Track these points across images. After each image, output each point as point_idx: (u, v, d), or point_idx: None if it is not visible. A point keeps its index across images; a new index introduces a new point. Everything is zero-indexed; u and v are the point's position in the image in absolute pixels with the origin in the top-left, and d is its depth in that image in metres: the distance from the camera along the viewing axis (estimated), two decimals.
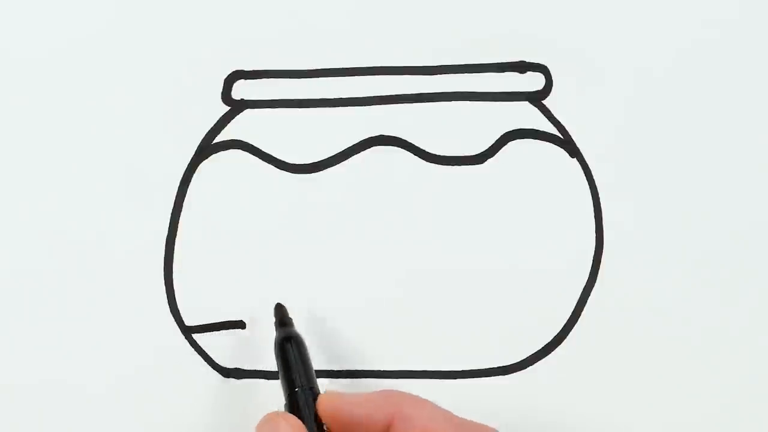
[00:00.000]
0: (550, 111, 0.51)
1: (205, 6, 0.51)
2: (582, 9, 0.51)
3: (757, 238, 0.51)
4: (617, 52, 0.51)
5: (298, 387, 0.44)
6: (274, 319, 0.49)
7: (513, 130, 0.51)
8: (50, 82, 0.51)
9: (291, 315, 0.50)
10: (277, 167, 0.51)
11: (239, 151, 0.51)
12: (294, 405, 0.43)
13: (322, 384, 0.46)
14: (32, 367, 0.51)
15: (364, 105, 0.51)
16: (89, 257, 0.51)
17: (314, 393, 0.44)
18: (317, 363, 0.51)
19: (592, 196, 0.51)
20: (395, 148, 0.51)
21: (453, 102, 0.51)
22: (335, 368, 0.52)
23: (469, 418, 0.47)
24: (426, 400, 0.42)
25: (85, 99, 0.51)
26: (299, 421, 0.42)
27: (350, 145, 0.51)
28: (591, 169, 0.51)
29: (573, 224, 0.51)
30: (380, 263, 0.51)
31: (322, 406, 0.42)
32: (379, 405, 0.41)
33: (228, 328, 0.52)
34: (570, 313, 0.51)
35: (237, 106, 0.51)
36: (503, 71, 0.51)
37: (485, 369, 0.52)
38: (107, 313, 0.51)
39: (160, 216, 0.51)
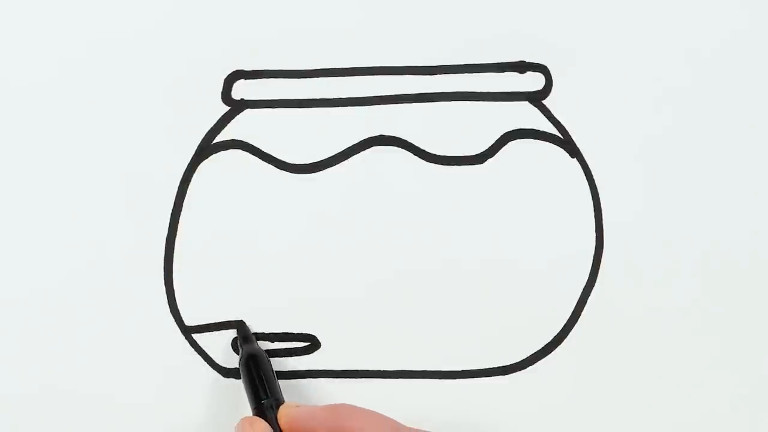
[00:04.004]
0: (550, 111, 0.51)
1: (205, 6, 0.51)
2: (582, 9, 0.51)
3: (757, 237, 0.51)
4: (617, 52, 0.51)
5: (264, 399, 0.48)
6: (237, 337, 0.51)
7: (513, 130, 0.51)
8: (51, 82, 0.51)
9: (290, 315, 0.50)
10: (277, 167, 0.51)
11: (239, 151, 0.51)
12: (261, 415, 0.47)
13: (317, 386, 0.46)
14: (32, 367, 0.51)
15: (364, 105, 0.51)
16: (89, 257, 0.51)
17: (278, 403, 0.48)
18: (317, 363, 0.52)
19: (592, 196, 0.51)
20: (395, 148, 0.51)
21: (453, 102, 0.51)
22: (335, 368, 0.52)
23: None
24: (372, 413, 0.45)
25: (85, 99, 0.51)
26: (267, 425, 0.46)
27: (350, 145, 0.51)
28: (591, 169, 0.51)
29: (573, 224, 0.51)
30: (380, 263, 0.51)
31: (281, 416, 0.47)
32: (325, 418, 0.45)
33: (228, 328, 0.52)
34: (570, 313, 0.51)
35: (237, 106, 0.51)
36: (503, 71, 0.51)
37: (485, 369, 0.52)
38: (107, 313, 0.51)
39: (160, 216, 0.51)
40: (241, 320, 0.51)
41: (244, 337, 0.51)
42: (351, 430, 0.43)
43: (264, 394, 0.48)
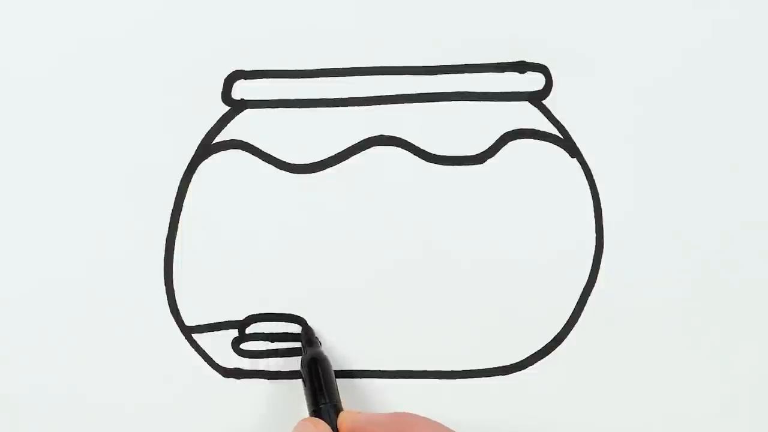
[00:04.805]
0: (550, 111, 0.51)
1: (205, 6, 0.51)
2: (582, 9, 0.51)
3: (757, 237, 0.51)
4: (617, 53, 0.51)
5: (323, 403, 0.47)
6: (301, 340, 0.51)
7: (513, 130, 0.51)
8: (51, 82, 0.51)
9: (289, 316, 0.50)
10: (277, 167, 0.51)
11: (239, 151, 0.51)
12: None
13: None
14: (31, 367, 0.51)
15: (364, 105, 0.51)
16: (89, 257, 0.51)
17: (337, 409, 0.47)
18: None
19: (592, 196, 0.51)
20: (395, 148, 0.51)
21: (453, 102, 0.51)
22: (336, 368, 0.52)
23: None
24: (435, 423, 0.44)
25: (86, 99, 0.51)
26: (329, 428, 0.46)
27: (350, 145, 0.51)
28: (591, 169, 0.51)
29: (573, 224, 0.51)
30: (380, 264, 0.51)
31: (342, 421, 0.46)
32: (388, 426, 0.44)
33: (228, 328, 0.52)
34: (570, 313, 0.51)
35: (237, 106, 0.51)
36: (503, 71, 0.51)
37: (485, 369, 0.52)
38: (107, 313, 0.51)
39: (160, 216, 0.51)
40: (306, 324, 0.51)
41: (308, 340, 0.51)
42: None
43: (324, 399, 0.47)
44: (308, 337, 0.51)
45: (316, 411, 0.47)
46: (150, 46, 0.51)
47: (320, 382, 0.48)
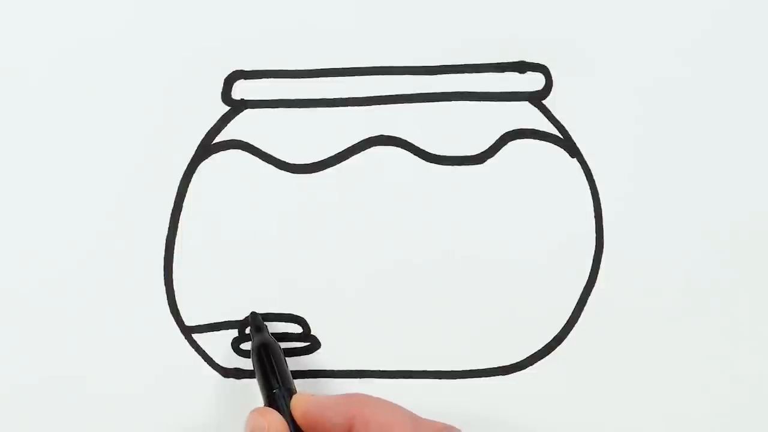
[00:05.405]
0: (550, 111, 0.51)
1: (205, 6, 0.51)
2: (582, 9, 0.51)
3: (757, 237, 0.51)
4: (618, 52, 0.51)
5: (276, 388, 0.46)
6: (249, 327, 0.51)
7: (513, 130, 0.51)
8: (51, 82, 0.51)
9: (288, 316, 0.50)
10: (277, 167, 0.51)
11: (239, 151, 0.51)
12: (272, 405, 0.46)
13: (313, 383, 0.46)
14: (32, 366, 0.51)
15: (364, 105, 0.51)
16: (90, 257, 0.51)
17: (290, 393, 0.46)
18: (317, 363, 0.52)
19: (592, 196, 0.51)
20: (395, 148, 0.51)
21: (453, 102, 0.51)
22: (335, 368, 0.52)
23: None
24: (387, 402, 0.44)
25: (86, 99, 0.51)
26: (279, 415, 0.45)
27: (350, 145, 0.51)
28: (591, 169, 0.51)
29: (573, 224, 0.51)
30: (380, 264, 0.51)
31: (294, 405, 0.45)
32: (340, 408, 0.44)
33: (228, 328, 0.52)
34: (570, 313, 0.51)
35: (237, 106, 0.51)
36: (503, 71, 0.51)
37: (485, 369, 0.52)
38: (107, 313, 0.51)
39: (160, 216, 0.51)
40: (254, 311, 0.51)
41: (257, 327, 0.50)
42: (367, 419, 0.43)
43: (276, 384, 0.47)
44: (256, 323, 0.50)
45: (269, 397, 0.46)
46: (150, 46, 0.51)
47: (272, 368, 0.47)
